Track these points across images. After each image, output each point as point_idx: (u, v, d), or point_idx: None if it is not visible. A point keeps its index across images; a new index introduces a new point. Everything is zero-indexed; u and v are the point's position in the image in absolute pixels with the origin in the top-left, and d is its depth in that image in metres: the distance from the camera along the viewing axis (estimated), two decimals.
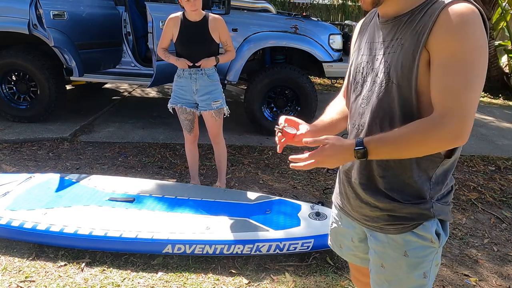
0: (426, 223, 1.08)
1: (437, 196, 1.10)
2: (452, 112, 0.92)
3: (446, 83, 0.93)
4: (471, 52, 0.91)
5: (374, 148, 1.00)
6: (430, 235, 1.09)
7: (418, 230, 1.09)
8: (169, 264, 2.26)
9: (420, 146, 0.97)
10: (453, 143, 0.96)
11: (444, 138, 0.94)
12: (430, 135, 0.94)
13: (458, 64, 0.91)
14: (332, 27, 4.61)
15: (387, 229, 1.13)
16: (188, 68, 2.72)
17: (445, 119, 0.92)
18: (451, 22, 0.92)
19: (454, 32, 0.92)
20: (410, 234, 1.09)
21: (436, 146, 0.97)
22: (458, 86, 0.91)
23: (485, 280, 2.27)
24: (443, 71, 0.93)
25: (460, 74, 0.91)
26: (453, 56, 0.92)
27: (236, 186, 3.31)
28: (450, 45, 0.92)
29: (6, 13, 4.16)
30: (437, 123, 0.93)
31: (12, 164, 3.55)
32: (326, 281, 2.16)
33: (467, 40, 0.91)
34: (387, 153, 1.02)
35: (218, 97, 2.83)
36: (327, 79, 6.78)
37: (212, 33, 2.73)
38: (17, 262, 2.22)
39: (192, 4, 2.58)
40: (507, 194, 3.35)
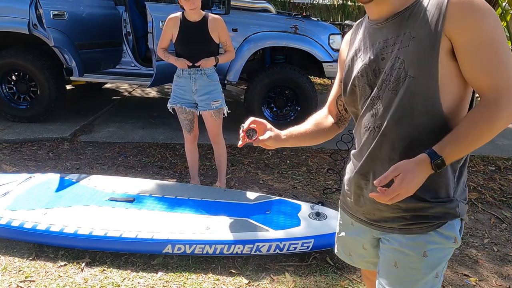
0: (451, 222, 1.07)
1: (459, 192, 1.09)
2: (506, 89, 0.91)
3: (488, 63, 0.92)
4: (496, 29, 0.92)
5: (449, 153, 0.96)
6: (454, 234, 1.07)
7: (442, 229, 1.07)
8: (169, 264, 2.26)
9: (491, 134, 0.95)
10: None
11: (509, 117, 0.92)
12: (497, 120, 0.92)
13: (490, 43, 0.92)
14: (332, 27, 4.61)
15: (408, 229, 1.10)
16: (187, 68, 2.73)
17: (503, 98, 0.91)
18: (466, 5, 0.92)
19: (474, 14, 0.92)
20: (435, 234, 1.07)
21: (503, 127, 0.95)
22: (500, 63, 0.92)
23: (485, 280, 2.27)
24: (479, 53, 0.92)
25: (497, 51, 0.92)
26: (482, 37, 0.92)
27: (236, 186, 3.31)
28: (475, 28, 0.92)
29: (6, 13, 4.16)
30: (498, 104, 0.91)
31: (12, 164, 3.55)
32: (326, 281, 2.16)
33: (488, 18, 0.91)
34: (461, 153, 0.99)
35: (218, 97, 2.83)
36: (327, 79, 6.79)
37: (211, 33, 2.73)
38: (17, 262, 2.22)
39: (191, 3, 2.58)
40: (507, 194, 3.35)
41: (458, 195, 1.08)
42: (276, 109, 4.55)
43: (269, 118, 4.50)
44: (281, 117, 4.55)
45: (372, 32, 1.09)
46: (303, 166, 3.77)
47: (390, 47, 1.03)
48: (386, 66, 1.03)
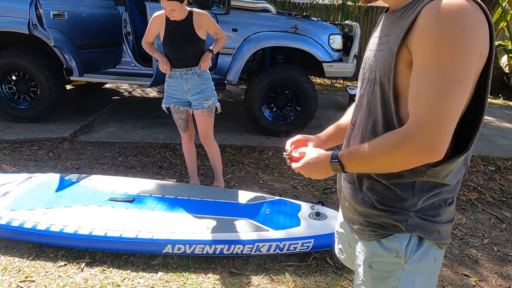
0: (397, 235, 0.98)
1: (421, 207, 0.96)
2: (421, 123, 0.82)
3: (417, 90, 0.83)
4: (447, 55, 0.79)
5: (347, 161, 0.95)
6: (398, 247, 0.98)
7: (386, 240, 0.99)
8: (169, 264, 2.26)
9: (389, 161, 0.88)
10: (423, 158, 0.84)
11: (412, 152, 0.83)
12: (396, 149, 0.84)
13: (431, 68, 0.81)
14: (332, 27, 4.60)
15: (362, 234, 1.06)
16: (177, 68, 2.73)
17: (413, 130, 0.82)
18: (428, 19, 0.81)
19: (429, 32, 0.81)
20: (378, 244, 1.01)
21: (406, 162, 0.86)
22: (429, 94, 0.81)
23: (485, 280, 2.27)
24: (416, 76, 0.83)
25: (432, 80, 0.80)
26: (426, 59, 0.82)
27: (236, 186, 3.31)
28: (424, 46, 0.82)
29: (6, 13, 4.16)
30: (405, 135, 0.84)
31: (12, 164, 3.55)
32: (326, 281, 2.16)
33: (442, 40, 0.79)
34: (360, 167, 0.96)
35: (210, 95, 2.83)
36: (327, 79, 6.79)
37: (197, 31, 2.70)
38: (17, 262, 2.22)
39: (168, 12, 2.55)
40: (507, 194, 3.35)
41: (417, 209, 0.96)
42: (276, 109, 4.54)
43: (269, 118, 4.51)
44: (281, 117, 4.55)
45: (382, 22, 1.04)
46: None
47: (379, 45, 0.98)
48: (372, 64, 1.00)
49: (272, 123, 4.52)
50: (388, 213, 0.98)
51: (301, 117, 4.49)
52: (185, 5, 2.63)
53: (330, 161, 0.97)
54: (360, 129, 1.02)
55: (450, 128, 0.82)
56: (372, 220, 1.02)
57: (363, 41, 8.45)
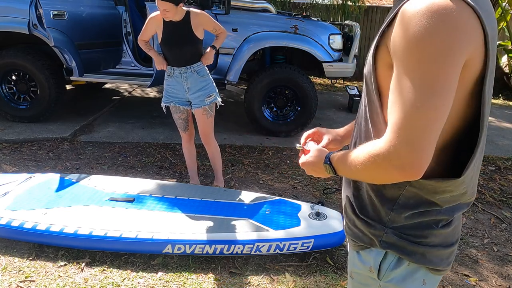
0: (373, 249, 0.94)
1: (402, 224, 0.88)
2: (395, 137, 0.74)
3: (393, 98, 0.76)
4: (424, 62, 0.71)
5: (337, 165, 0.92)
6: (371, 262, 0.94)
7: (364, 252, 0.96)
8: (169, 264, 2.26)
9: (366, 173, 0.82)
10: (399, 176, 0.76)
11: (387, 168, 0.76)
12: (372, 163, 0.78)
13: (407, 76, 0.73)
14: (332, 27, 4.60)
15: (349, 241, 1.04)
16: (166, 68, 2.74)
17: (388, 144, 0.75)
18: (404, 21, 0.73)
19: (404, 36, 0.73)
20: (356, 254, 0.99)
21: (383, 177, 0.80)
22: (404, 104, 0.73)
23: (485, 280, 2.27)
24: (393, 83, 0.76)
25: (408, 89, 0.72)
26: (402, 65, 0.74)
27: (236, 186, 3.31)
28: (401, 52, 0.74)
29: (6, 13, 4.16)
30: (380, 148, 0.76)
31: (12, 164, 3.55)
32: (326, 281, 2.16)
33: (418, 46, 0.71)
34: (347, 175, 0.92)
35: (211, 91, 2.83)
36: (327, 79, 6.79)
37: (195, 31, 2.70)
38: (17, 262, 2.22)
39: (162, 13, 2.57)
40: (507, 194, 3.35)
41: (397, 226, 0.89)
42: (276, 109, 4.54)
43: (269, 118, 4.51)
44: (281, 117, 4.55)
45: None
46: None
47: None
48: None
49: (272, 123, 4.52)
50: (365, 224, 0.93)
51: (301, 117, 4.49)
52: (181, 7, 2.63)
53: (323, 162, 0.96)
54: (358, 126, 0.99)
55: (428, 145, 0.73)
56: (353, 228, 0.98)
57: (363, 41, 8.45)
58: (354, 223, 0.97)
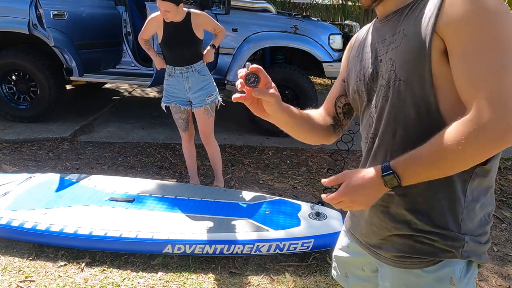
0: (449, 260, 0.88)
1: (473, 225, 0.87)
2: (489, 106, 0.71)
3: (473, 72, 0.74)
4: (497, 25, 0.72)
5: (405, 170, 0.81)
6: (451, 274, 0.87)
7: (437, 267, 0.88)
8: (169, 264, 2.26)
9: (461, 157, 0.75)
10: (501, 145, 0.72)
11: (487, 141, 0.72)
12: (469, 141, 0.72)
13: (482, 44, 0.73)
14: (332, 27, 4.61)
15: (399, 262, 0.94)
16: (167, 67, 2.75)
17: (482, 117, 0.71)
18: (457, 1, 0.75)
19: (467, 8, 0.74)
20: (423, 273, 0.89)
21: (481, 153, 0.74)
22: (490, 72, 0.72)
23: (485, 280, 2.27)
24: (466, 59, 0.74)
25: (488, 55, 0.72)
26: (472, 36, 0.74)
27: (236, 186, 3.31)
28: (465, 24, 0.74)
29: (6, 13, 4.16)
30: (474, 123, 0.72)
31: (12, 164, 3.55)
32: (326, 281, 2.16)
33: (482, 11, 0.73)
34: (424, 173, 0.81)
35: (212, 91, 2.84)
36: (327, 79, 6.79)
37: (196, 31, 2.71)
38: (17, 262, 2.22)
39: (163, 14, 2.58)
40: (507, 194, 3.35)
41: (470, 229, 0.86)
42: None
43: None
44: None
45: (375, 31, 0.97)
46: (303, 166, 3.77)
47: (386, 47, 0.90)
48: (382, 69, 0.91)
49: (272, 124, 4.51)
50: (439, 235, 0.86)
51: None
52: (182, 8, 2.63)
53: (382, 174, 0.82)
54: (385, 140, 0.92)
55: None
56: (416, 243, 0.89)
57: None
58: (418, 239, 0.89)
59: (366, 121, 1.00)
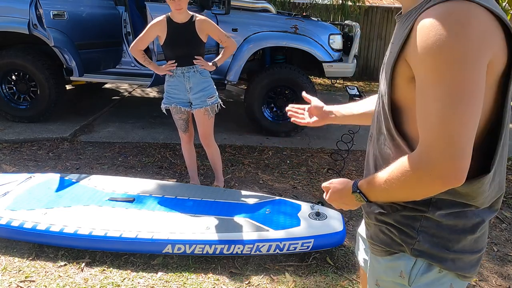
0: (403, 254, 0.92)
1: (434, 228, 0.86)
2: (432, 147, 0.73)
3: (423, 110, 0.75)
4: (449, 71, 0.70)
5: (368, 191, 0.89)
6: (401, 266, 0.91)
7: (392, 257, 0.93)
8: (169, 264, 2.26)
9: (407, 193, 0.80)
10: (441, 186, 0.74)
11: (426, 181, 0.74)
12: (410, 179, 0.76)
13: (434, 86, 0.72)
14: (332, 27, 4.61)
15: (371, 247, 1.02)
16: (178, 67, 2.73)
17: (423, 156, 0.74)
18: (423, 30, 0.73)
19: (425, 45, 0.72)
20: (382, 261, 0.96)
21: (424, 191, 0.78)
22: (435, 115, 0.72)
23: (485, 280, 2.27)
24: (420, 95, 0.75)
25: (437, 99, 0.72)
26: (427, 76, 0.73)
27: (236, 186, 3.31)
28: (423, 62, 0.73)
29: (6, 13, 4.16)
30: (416, 161, 0.76)
31: (12, 164, 3.55)
32: (326, 281, 2.16)
33: (442, 55, 0.70)
34: (382, 199, 0.88)
35: (213, 92, 2.83)
36: (327, 79, 6.79)
37: (199, 34, 2.71)
38: (17, 262, 2.22)
39: (177, 4, 2.56)
40: (507, 194, 3.35)
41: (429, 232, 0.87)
42: (276, 109, 4.54)
43: (269, 118, 4.51)
44: (281, 117, 4.55)
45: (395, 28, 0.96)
46: (303, 166, 3.77)
47: (389, 53, 0.89)
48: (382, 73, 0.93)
49: (272, 123, 4.52)
50: (396, 230, 0.91)
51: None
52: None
53: (351, 192, 0.92)
54: (374, 142, 0.96)
55: (465, 151, 0.72)
56: (380, 234, 0.96)
57: (363, 41, 8.45)
58: (381, 228, 0.95)
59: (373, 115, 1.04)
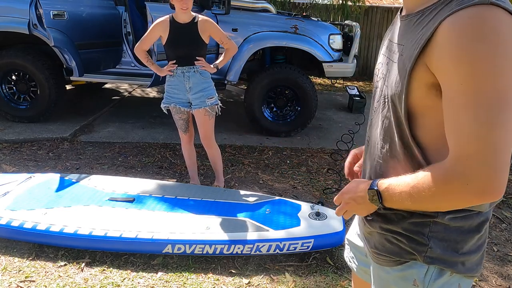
0: (414, 262, 0.88)
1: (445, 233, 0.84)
2: (469, 159, 0.68)
3: (458, 119, 0.70)
4: (488, 77, 0.66)
5: (386, 193, 0.82)
6: (415, 275, 0.88)
7: (402, 266, 0.90)
8: (169, 264, 2.26)
9: (432, 202, 0.75)
10: (477, 199, 0.70)
11: (462, 193, 0.70)
12: (442, 189, 0.72)
13: (471, 94, 0.67)
14: (332, 27, 4.61)
15: (375, 257, 0.97)
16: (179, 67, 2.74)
17: (459, 167, 0.69)
18: (454, 37, 0.68)
19: (459, 52, 0.68)
20: (391, 271, 0.92)
21: (456, 203, 0.74)
22: (474, 123, 0.67)
23: (485, 280, 2.27)
24: (452, 104, 0.70)
25: (475, 107, 0.67)
26: (461, 84, 0.68)
27: (236, 186, 3.31)
28: (456, 70, 0.68)
29: (6, 13, 4.16)
30: (450, 172, 0.71)
31: (12, 164, 3.55)
32: (326, 281, 2.16)
33: (479, 61, 0.66)
34: (401, 204, 0.80)
35: (212, 93, 2.83)
36: (327, 79, 6.79)
37: (202, 34, 2.72)
38: (17, 262, 2.22)
39: (183, 3, 2.56)
40: (507, 194, 3.35)
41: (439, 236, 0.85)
42: (276, 109, 4.54)
43: (269, 118, 4.51)
44: (281, 117, 4.55)
45: (397, 24, 0.90)
46: (303, 166, 3.77)
47: (392, 54, 0.86)
48: (386, 74, 0.88)
49: (272, 123, 4.52)
50: (405, 238, 0.87)
51: (301, 117, 4.49)
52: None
53: (368, 188, 0.85)
54: (376, 149, 0.92)
55: (506, 163, 0.67)
56: (386, 243, 0.92)
57: (363, 41, 8.45)
58: (387, 238, 0.91)
59: (369, 121, 1.01)
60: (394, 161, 0.86)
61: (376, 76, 0.96)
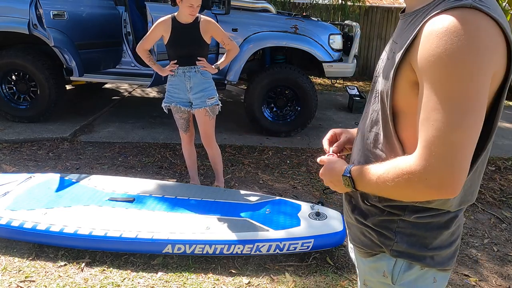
0: (384, 254, 0.94)
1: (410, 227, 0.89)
2: (431, 156, 0.72)
3: (428, 115, 0.73)
4: (457, 81, 0.69)
5: (357, 179, 0.88)
6: (384, 266, 0.93)
7: (374, 258, 0.96)
8: (169, 264, 2.26)
9: (396, 191, 0.79)
10: (435, 194, 0.74)
11: (420, 187, 0.74)
12: (403, 179, 0.76)
13: (441, 95, 0.71)
14: (332, 27, 4.61)
15: (355, 247, 1.04)
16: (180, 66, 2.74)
17: (421, 161, 0.73)
18: (430, 38, 0.71)
19: (433, 53, 0.71)
20: (366, 262, 0.99)
21: (416, 196, 0.78)
22: (441, 122, 0.71)
23: (485, 280, 2.27)
24: (426, 101, 0.74)
25: (443, 108, 0.70)
26: (434, 84, 0.72)
27: (236, 186, 3.31)
28: (431, 70, 0.72)
29: (6, 13, 4.16)
30: (413, 166, 0.74)
31: (12, 164, 3.55)
32: (326, 281, 2.16)
33: (450, 64, 0.69)
34: (369, 189, 0.87)
35: (213, 94, 2.84)
36: (327, 79, 6.79)
37: (203, 35, 2.73)
38: (17, 262, 2.22)
39: (192, 10, 2.59)
40: (507, 194, 3.35)
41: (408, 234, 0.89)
42: (276, 109, 4.54)
43: (269, 118, 4.51)
44: (281, 117, 4.55)
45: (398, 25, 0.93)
46: (303, 166, 3.77)
47: (389, 52, 0.88)
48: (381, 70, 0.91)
49: (272, 123, 4.52)
50: (374, 232, 0.93)
51: (301, 117, 4.49)
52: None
53: (342, 174, 0.91)
54: (362, 139, 0.96)
55: (465, 163, 0.72)
56: (361, 236, 0.98)
57: (363, 41, 8.45)
58: (361, 231, 0.97)
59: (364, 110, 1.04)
60: (377, 153, 0.90)
61: (376, 71, 0.99)
